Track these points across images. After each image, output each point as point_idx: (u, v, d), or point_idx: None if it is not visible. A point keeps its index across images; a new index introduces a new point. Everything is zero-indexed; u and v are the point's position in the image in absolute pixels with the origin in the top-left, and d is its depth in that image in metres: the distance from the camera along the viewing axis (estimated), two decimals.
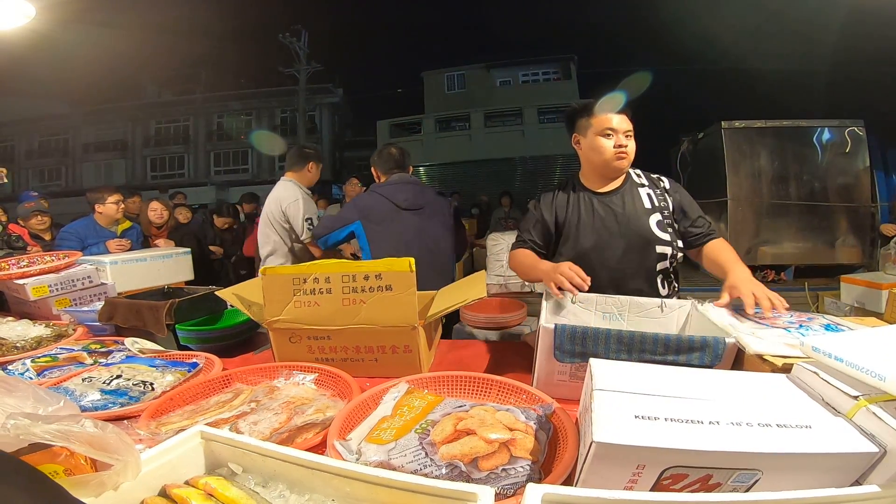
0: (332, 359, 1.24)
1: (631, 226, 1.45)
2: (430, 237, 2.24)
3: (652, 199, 1.49)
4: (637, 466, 0.58)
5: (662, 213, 1.47)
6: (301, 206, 2.52)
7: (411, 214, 2.17)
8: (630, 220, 1.46)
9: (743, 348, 0.92)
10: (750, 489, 0.59)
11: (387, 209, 2.15)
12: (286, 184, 2.60)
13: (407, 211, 2.16)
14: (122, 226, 3.10)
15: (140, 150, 20.19)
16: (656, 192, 1.51)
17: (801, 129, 3.93)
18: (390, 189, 2.19)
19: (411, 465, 0.70)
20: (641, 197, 1.49)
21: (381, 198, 2.17)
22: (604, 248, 1.46)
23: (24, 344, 1.48)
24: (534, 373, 1.07)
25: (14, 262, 2.03)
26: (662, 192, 1.51)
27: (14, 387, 0.67)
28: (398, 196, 2.17)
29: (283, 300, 1.20)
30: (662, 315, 1.28)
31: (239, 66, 20.26)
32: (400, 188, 2.20)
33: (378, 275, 1.15)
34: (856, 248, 3.92)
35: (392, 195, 2.17)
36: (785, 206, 3.93)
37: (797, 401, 0.70)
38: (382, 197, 2.17)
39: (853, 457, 0.57)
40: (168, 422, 0.93)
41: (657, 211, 1.47)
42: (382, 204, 2.16)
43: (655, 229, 1.44)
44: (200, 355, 1.33)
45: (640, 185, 1.52)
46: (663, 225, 1.46)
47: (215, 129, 20.19)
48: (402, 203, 2.16)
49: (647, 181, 1.54)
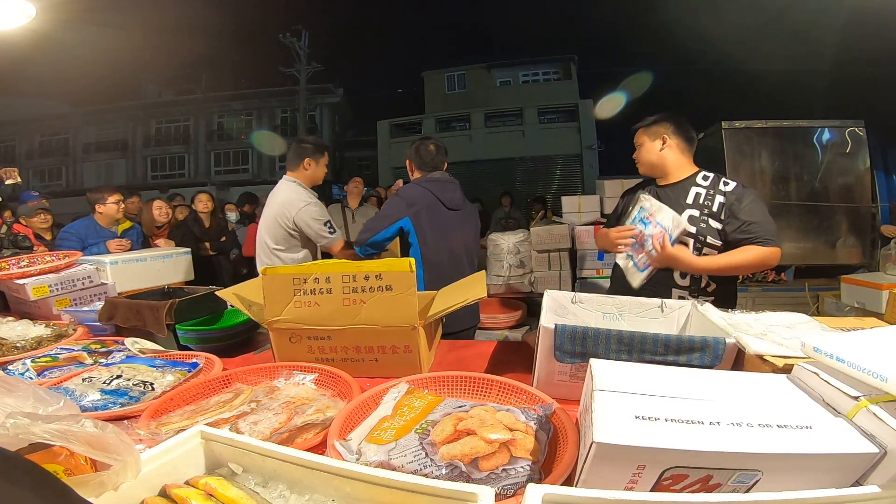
0: (333, 359, 1.24)
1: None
2: (469, 238, 2.23)
3: (697, 197, 1.69)
4: (637, 467, 0.58)
5: (702, 210, 1.66)
6: (313, 212, 2.33)
7: (453, 214, 2.13)
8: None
9: (743, 349, 0.92)
10: (750, 490, 0.59)
11: (434, 206, 2.07)
12: (288, 185, 2.41)
13: (450, 210, 2.11)
14: (122, 226, 3.10)
15: (140, 150, 20.18)
16: (708, 192, 1.69)
17: (802, 130, 3.93)
18: (436, 186, 2.11)
19: (411, 466, 0.70)
20: (689, 193, 1.71)
21: (428, 193, 2.08)
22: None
23: (24, 344, 1.48)
24: (534, 373, 1.07)
25: (14, 262, 2.03)
26: (714, 193, 1.68)
27: (14, 387, 0.67)
28: (444, 194, 2.10)
29: (283, 300, 1.20)
30: (662, 315, 1.28)
31: (239, 66, 20.26)
32: (444, 186, 2.13)
33: (378, 275, 1.15)
34: (856, 248, 3.91)
35: (439, 192, 2.09)
36: (785, 206, 3.93)
37: (797, 401, 0.70)
38: (429, 192, 2.08)
39: (853, 457, 0.57)
40: (168, 422, 0.93)
41: (696, 207, 1.67)
42: (430, 199, 2.07)
43: (685, 222, 1.62)
44: (200, 355, 1.33)
45: (696, 185, 1.72)
46: (696, 220, 1.66)
47: (216, 130, 20.19)
48: (447, 202, 2.10)
49: (705, 182, 1.72)
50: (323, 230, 2.34)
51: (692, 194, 1.70)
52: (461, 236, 2.17)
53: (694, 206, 1.68)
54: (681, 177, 1.77)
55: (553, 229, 4.21)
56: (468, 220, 2.24)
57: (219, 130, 20.17)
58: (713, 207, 1.65)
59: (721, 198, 1.65)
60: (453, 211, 2.12)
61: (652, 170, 1.82)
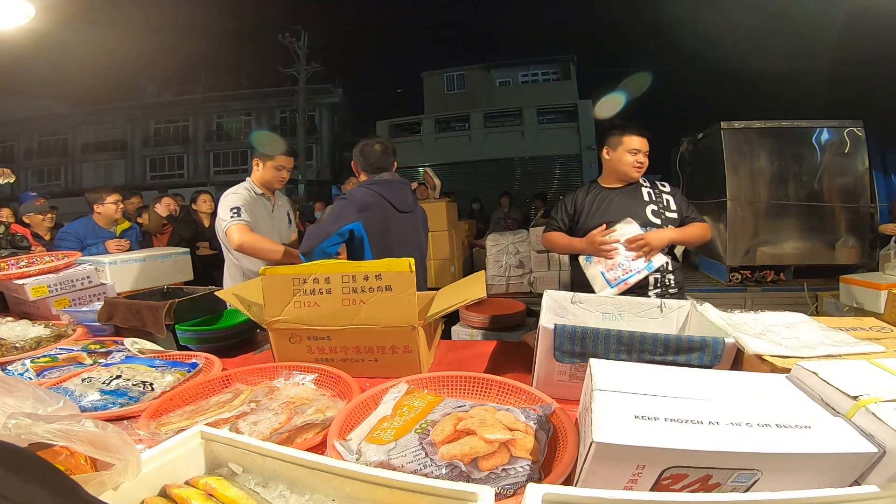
0: (332, 359, 1.24)
1: (628, 212, 1.95)
2: (422, 240, 2.18)
3: (651, 195, 2.02)
4: (637, 466, 0.58)
5: (657, 206, 2.00)
6: (226, 200, 2.16)
7: (405, 217, 2.05)
8: (629, 207, 1.97)
9: (742, 348, 0.92)
10: (749, 489, 0.59)
11: (384, 209, 1.97)
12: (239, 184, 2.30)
13: (401, 213, 2.03)
14: (121, 226, 3.10)
15: (139, 150, 20.16)
16: (655, 190, 2.04)
17: (801, 130, 3.93)
18: (385, 188, 2.00)
19: (411, 465, 0.70)
20: (642, 193, 2.03)
21: (378, 196, 1.97)
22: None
23: (23, 344, 1.48)
24: (533, 373, 1.08)
25: (13, 263, 2.03)
26: (660, 192, 2.04)
27: (14, 387, 0.67)
28: (395, 196, 2.01)
29: (282, 300, 1.20)
30: (662, 315, 1.28)
31: (239, 66, 20.25)
32: (394, 187, 2.03)
33: (378, 275, 1.15)
34: (855, 248, 3.91)
35: (389, 194, 1.99)
36: (784, 206, 3.93)
37: (796, 401, 0.70)
38: (378, 195, 1.97)
39: (852, 457, 0.57)
40: (168, 422, 0.93)
41: (653, 203, 2.00)
42: (379, 202, 1.96)
43: (650, 216, 1.97)
44: (200, 355, 1.33)
45: (642, 186, 2.05)
46: (657, 213, 1.98)
47: (215, 130, 20.18)
48: (398, 205, 2.01)
49: (647, 183, 2.07)
50: (225, 214, 2.11)
51: (644, 193, 2.02)
52: (414, 238, 2.11)
53: (651, 203, 2.01)
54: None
55: None
56: (419, 221, 2.18)
57: (218, 131, 20.17)
58: (664, 202, 2.01)
59: (665, 195, 2.03)
60: (404, 213, 2.04)
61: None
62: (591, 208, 2.03)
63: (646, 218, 1.96)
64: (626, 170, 2.01)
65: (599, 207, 2.02)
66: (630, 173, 2.01)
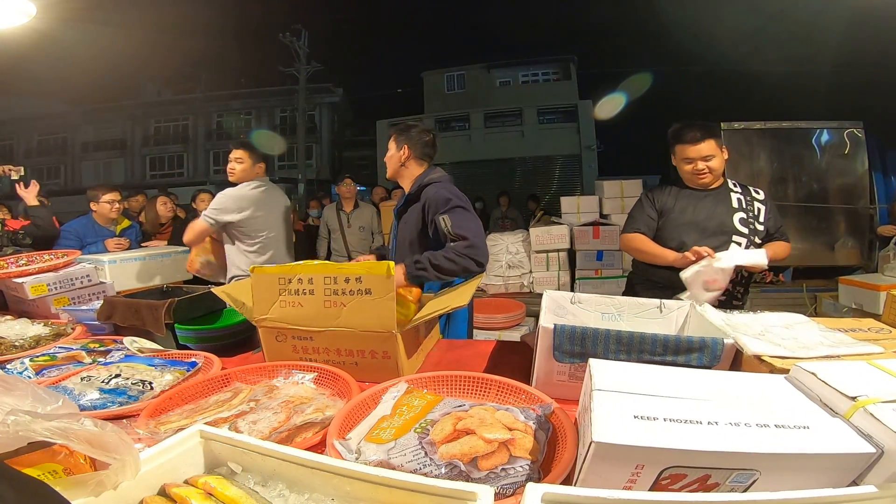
0: (315, 360, 1.24)
1: (716, 217, 1.87)
2: None
3: (741, 202, 1.90)
4: (636, 466, 0.58)
5: (747, 214, 1.88)
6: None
7: None
8: (717, 213, 1.88)
9: (741, 349, 0.93)
10: (748, 489, 0.59)
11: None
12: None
13: None
14: (120, 225, 3.09)
15: (139, 149, 20.13)
16: (746, 197, 1.92)
17: (801, 131, 3.94)
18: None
19: (411, 465, 0.70)
20: (731, 199, 1.90)
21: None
22: (694, 233, 1.87)
23: (22, 343, 1.48)
24: (533, 373, 1.08)
25: (13, 261, 2.03)
26: (752, 200, 1.92)
27: (13, 385, 0.67)
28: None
29: (269, 299, 1.21)
30: (661, 315, 1.28)
31: (239, 65, 20.22)
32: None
33: (358, 278, 1.14)
34: (854, 249, 3.92)
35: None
36: (784, 207, 3.94)
37: (795, 401, 0.70)
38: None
39: (850, 457, 0.57)
40: (167, 421, 0.93)
41: (742, 211, 1.88)
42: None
43: (737, 224, 1.86)
44: (199, 354, 1.33)
45: (732, 191, 1.93)
46: (745, 222, 1.87)
47: (215, 129, 20.15)
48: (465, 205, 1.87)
49: (739, 188, 1.94)
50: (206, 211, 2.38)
51: (735, 199, 1.90)
52: None
53: (740, 210, 1.89)
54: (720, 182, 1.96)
55: (552, 230, 4.22)
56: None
57: (218, 130, 20.14)
58: (755, 212, 1.90)
59: (758, 203, 1.91)
60: None
61: (716, 179, 1.93)
62: (675, 210, 1.93)
63: (733, 226, 1.86)
64: (687, 179, 1.95)
65: (685, 211, 1.91)
66: (692, 183, 1.93)
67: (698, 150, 1.86)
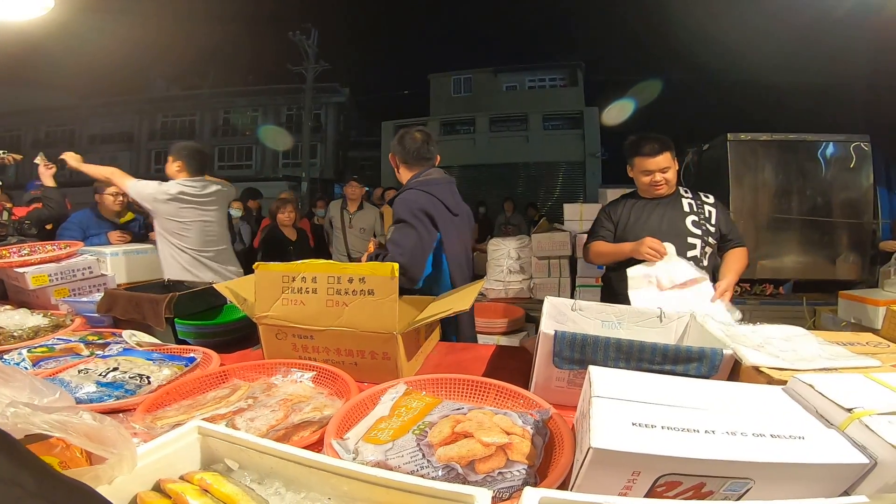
0: (315, 359, 1.24)
1: (669, 223, 1.95)
2: (467, 244, 2.00)
3: (692, 206, 1.99)
4: (632, 473, 0.58)
5: (699, 216, 1.97)
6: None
7: (456, 221, 1.88)
8: (670, 219, 1.97)
9: (740, 360, 0.93)
10: (742, 498, 0.59)
11: (445, 214, 1.79)
12: None
13: (454, 217, 1.87)
14: (124, 217, 3.10)
15: (145, 143, 20.21)
16: (696, 201, 2.01)
17: (807, 143, 3.92)
18: (439, 189, 1.81)
19: (408, 466, 0.70)
20: (682, 204, 2.00)
21: (436, 200, 1.78)
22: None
23: (21, 333, 1.48)
24: (532, 378, 1.08)
25: (15, 251, 2.03)
26: (702, 203, 2.01)
27: (10, 377, 0.67)
28: (449, 199, 1.83)
29: (272, 297, 1.21)
30: (661, 325, 1.28)
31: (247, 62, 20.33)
32: (446, 189, 1.85)
33: (362, 278, 1.15)
34: (856, 264, 3.91)
35: (443, 197, 1.81)
36: (786, 220, 3.93)
37: (791, 412, 0.70)
38: (436, 199, 1.78)
39: (844, 467, 0.57)
40: (164, 416, 0.93)
41: (693, 214, 1.98)
42: (439, 207, 1.78)
43: (690, 226, 1.95)
44: (198, 350, 1.33)
45: (683, 196, 2.03)
46: (697, 224, 1.96)
47: (221, 125, 20.24)
48: (452, 208, 1.85)
49: (689, 194, 2.04)
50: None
51: (686, 204, 2.00)
52: (463, 242, 1.95)
53: (692, 213, 1.98)
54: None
55: (554, 236, 4.21)
56: (468, 224, 2.03)
57: (224, 126, 20.22)
58: (705, 214, 1.99)
59: (708, 207, 2.00)
60: (455, 216, 1.89)
61: (671, 189, 2.03)
62: (630, 220, 2.03)
63: (686, 228, 1.95)
64: (643, 189, 2.04)
65: (639, 219, 2.01)
66: (647, 194, 2.03)
67: (656, 162, 1.94)
